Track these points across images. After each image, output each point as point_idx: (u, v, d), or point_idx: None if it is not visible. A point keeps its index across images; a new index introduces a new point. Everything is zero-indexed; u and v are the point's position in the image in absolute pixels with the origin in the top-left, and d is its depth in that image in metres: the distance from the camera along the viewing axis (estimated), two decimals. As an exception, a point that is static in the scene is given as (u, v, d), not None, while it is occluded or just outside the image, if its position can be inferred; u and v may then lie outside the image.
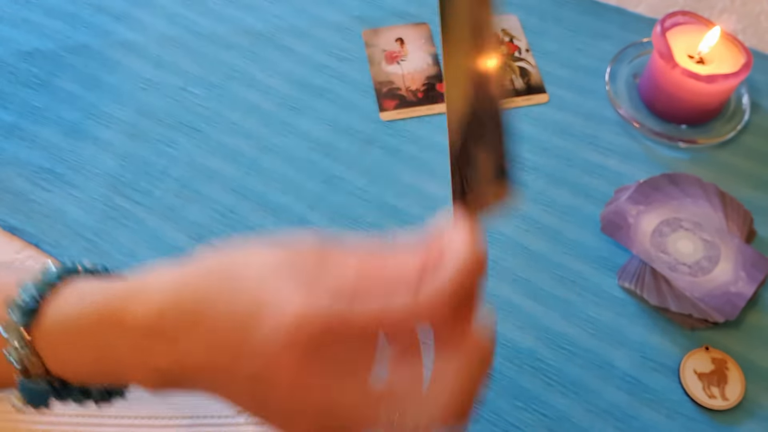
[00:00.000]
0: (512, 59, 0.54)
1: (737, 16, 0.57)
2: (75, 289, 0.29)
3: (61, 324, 0.29)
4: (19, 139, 0.50)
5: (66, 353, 0.29)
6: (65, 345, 0.29)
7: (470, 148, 0.25)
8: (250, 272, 0.26)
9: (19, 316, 0.28)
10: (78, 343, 0.28)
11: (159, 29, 0.56)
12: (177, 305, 0.27)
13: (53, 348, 0.29)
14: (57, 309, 0.29)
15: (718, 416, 0.38)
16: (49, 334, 0.29)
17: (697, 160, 0.48)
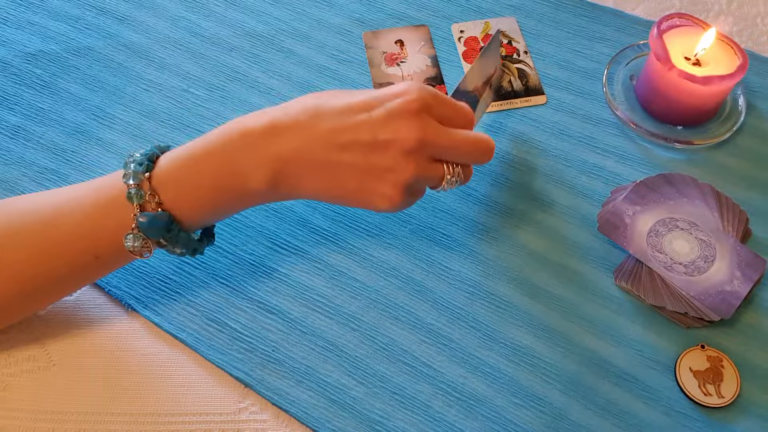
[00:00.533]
0: (511, 61, 0.54)
1: (733, 19, 0.57)
2: (175, 151, 0.37)
3: (174, 164, 0.36)
4: (24, 141, 0.50)
5: (188, 182, 0.36)
6: (187, 175, 0.36)
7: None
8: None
9: (137, 167, 0.36)
10: (204, 169, 0.36)
11: (162, 32, 0.56)
12: (285, 114, 0.36)
13: (171, 183, 0.36)
14: (168, 160, 0.37)
15: (714, 413, 0.39)
16: (165, 174, 0.36)
17: (693, 160, 0.49)
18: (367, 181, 0.36)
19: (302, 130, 0.35)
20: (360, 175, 0.35)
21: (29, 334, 0.42)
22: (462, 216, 0.46)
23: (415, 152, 0.35)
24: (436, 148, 0.36)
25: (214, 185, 0.36)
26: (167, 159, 0.37)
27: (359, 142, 0.35)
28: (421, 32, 0.56)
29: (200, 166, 0.36)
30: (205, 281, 0.44)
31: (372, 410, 0.39)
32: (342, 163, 0.35)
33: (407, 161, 0.35)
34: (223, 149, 0.36)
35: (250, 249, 0.45)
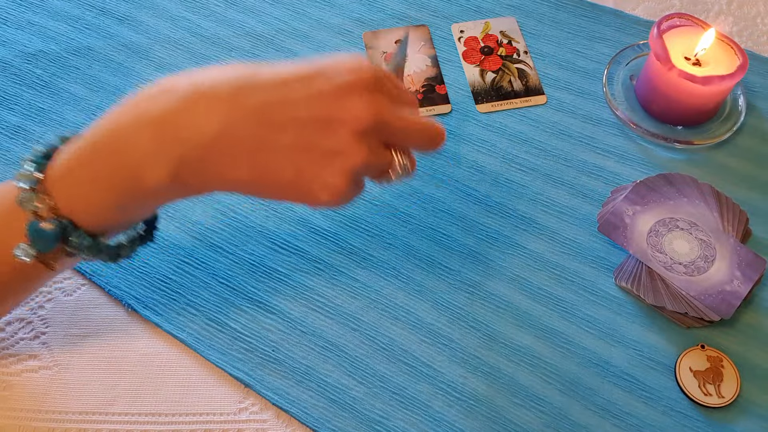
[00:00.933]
0: (511, 61, 0.54)
1: (733, 19, 0.57)
2: (75, 141, 0.32)
3: (73, 154, 0.31)
4: (23, 141, 0.50)
5: (81, 179, 0.30)
6: (79, 170, 0.30)
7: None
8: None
9: (31, 166, 0.31)
10: (94, 161, 0.30)
11: (162, 32, 0.56)
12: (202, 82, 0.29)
13: (66, 181, 0.30)
14: (64, 152, 0.31)
15: (714, 413, 0.39)
16: (60, 177, 0.30)
17: (693, 160, 0.49)
18: (308, 168, 0.29)
19: (224, 104, 0.28)
20: (299, 160, 0.28)
21: (29, 333, 0.42)
22: (462, 216, 0.46)
23: (369, 134, 0.29)
24: (389, 130, 0.30)
25: (109, 183, 0.30)
26: (65, 153, 0.31)
27: (300, 119, 0.28)
28: (422, 32, 0.56)
29: (95, 157, 0.30)
30: (205, 281, 0.44)
31: (372, 410, 0.39)
32: (277, 145, 0.28)
33: (359, 143, 0.29)
34: (116, 132, 0.29)
35: (250, 249, 0.45)
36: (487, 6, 0.58)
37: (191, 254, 0.45)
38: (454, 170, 0.49)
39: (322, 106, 0.28)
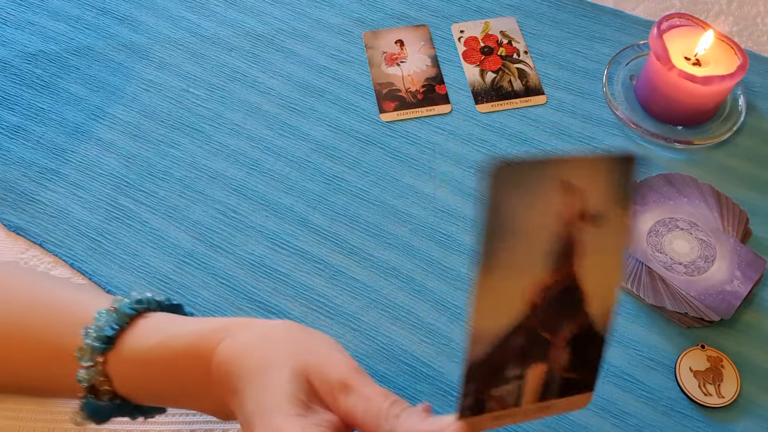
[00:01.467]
0: (511, 61, 0.54)
1: (733, 19, 0.57)
2: (153, 322, 0.32)
3: (141, 353, 0.31)
4: (24, 140, 0.50)
5: (142, 377, 0.31)
6: (143, 370, 0.31)
7: (505, 367, 0.23)
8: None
9: (96, 342, 0.31)
10: (160, 369, 0.31)
11: (162, 32, 0.56)
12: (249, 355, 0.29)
13: (128, 372, 0.31)
14: (138, 338, 0.31)
15: (714, 413, 0.39)
16: (126, 361, 0.31)
17: (693, 160, 0.49)
18: None
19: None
20: None
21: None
22: (462, 216, 0.46)
23: None
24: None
25: (169, 396, 0.32)
26: (131, 346, 0.31)
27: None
28: (422, 32, 0.56)
29: (166, 367, 0.31)
30: (205, 281, 0.44)
31: (372, 410, 0.39)
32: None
33: None
34: (183, 362, 0.30)
35: (250, 249, 0.45)
36: (487, 6, 0.58)
37: (191, 254, 0.45)
38: (453, 170, 0.49)
39: None
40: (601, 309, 0.23)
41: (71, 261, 0.45)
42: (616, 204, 0.21)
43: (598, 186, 0.21)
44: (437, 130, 0.51)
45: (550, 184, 0.20)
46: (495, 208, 0.20)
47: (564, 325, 0.23)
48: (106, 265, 0.44)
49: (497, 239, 0.20)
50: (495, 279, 0.21)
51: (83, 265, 0.44)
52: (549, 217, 0.21)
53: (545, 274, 0.21)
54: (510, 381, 0.23)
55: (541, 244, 0.21)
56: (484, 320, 0.21)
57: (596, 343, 0.23)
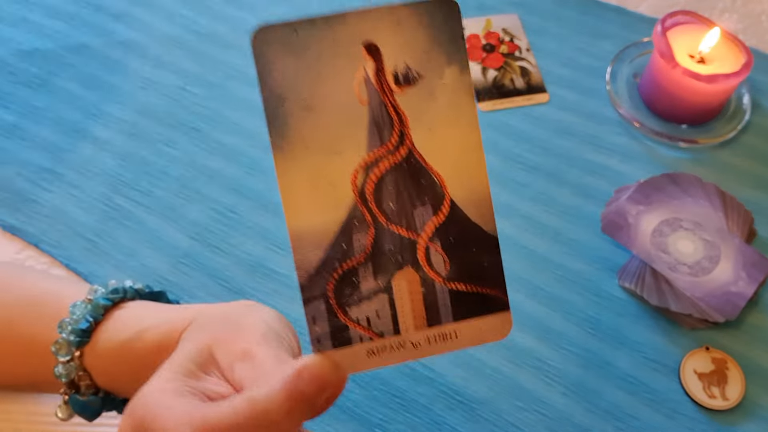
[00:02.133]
0: (513, 59, 0.54)
1: (738, 16, 0.57)
2: (129, 313, 0.31)
3: (115, 346, 0.30)
4: (19, 139, 0.49)
5: (119, 372, 0.31)
6: (119, 365, 0.31)
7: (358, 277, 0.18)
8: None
9: (71, 335, 0.30)
10: (134, 364, 0.30)
11: (159, 28, 0.56)
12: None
13: (105, 366, 0.31)
14: (112, 331, 0.31)
15: (718, 416, 0.38)
16: (102, 355, 0.31)
17: (697, 159, 0.48)
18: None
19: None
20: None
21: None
22: (463, 216, 0.46)
23: None
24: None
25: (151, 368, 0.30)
26: (106, 339, 0.30)
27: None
28: (422, 29, 0.56)
29: (143, 359, 0.30)
30: (202, 282, 0.43)
31: (372, 413, 0.39)
32: None
33: None
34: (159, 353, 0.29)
35: (249, 249, 0.44)
36: (488, 3, 0.57)
37: (189, 254, 0.44)
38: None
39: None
40: (469, 193, 0.19)
41: (67, 261, 0.44)
42: (436, 57, 0.17)
43: (405, 38, 0.17)
44: (438, 129, 0.50)
45: (337, 44, 0.17)
46: (268, 80, 0.17)
47: (421, 215, 0.18)
48: (102, 265, 0.44)
49: (281, 117, 0.17)
50: (294, 163, 0.17)
51: (79, 265, 0.44)
52: (348, 83, 0.17)
53: (364, 151, 0.17)
54: (370, 296, 0.18)
55: (344, 117, 0.17)
56: (299, 218, 0.17)
57: (481, 240, 0.19)
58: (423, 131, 0.18)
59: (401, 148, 0.18)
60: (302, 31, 0.17)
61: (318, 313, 0.19)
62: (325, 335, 0.19)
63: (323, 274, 0.18)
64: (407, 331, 0.19)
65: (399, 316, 0.19)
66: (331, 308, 0.19)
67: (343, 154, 0.17)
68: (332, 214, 0.18)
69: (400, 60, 0.17)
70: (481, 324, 0.20)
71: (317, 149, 0.17)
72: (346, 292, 0.18)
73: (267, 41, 0.17)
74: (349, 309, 0.19)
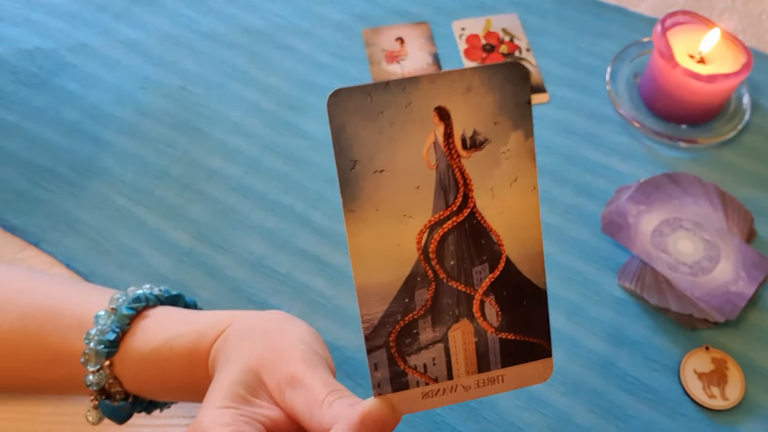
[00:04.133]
0: (513, 59, 0.54)
1: (738, 16, 0.57)
2: (155, 320, 0.32)
3: (145, 354, 0.31)
4: (20, 139, 0.49)
5: (149, 379, 0.31)
6: (150, 371, 0.31)
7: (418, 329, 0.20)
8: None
9: (99, 345, 0.31)
10: (164, 370, 0.31)
11: (159, 28, 0.56)
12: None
13: (135, 373, 0.31)
14: (140, 340, 0.31)
15: (718, 416, 0.38)
16: (132, 363, 0.31)
17: (697, 159, 0.48)
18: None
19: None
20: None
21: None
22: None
23: None
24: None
25: (181, 390, 0.32)
26: (135, 348, 0.31)
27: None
28: (422, 29, 0.56)
29: (171, 366, 0.31)
30: (203, 281, 0.43)
31: (373, 413, 0.39)
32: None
33: None
34: (186, 361, 0.30)
35: (250, 248, 0.44)
36: (488, 3, 0.57)
37: (190, 253, 0.44)
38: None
39: None
40: (524, 251, 0.20)
41: (67, 261, 0.44)
42: (503, 122, 0.18)
43: (474, 103, 0.18)
44: (438, 129, 0.50)
45: (410, 109, 0.18)
46: (342, 144, 0.17)
47: (479, 272, 0.20)
48: (103, 265, 0.44)
49: (354, 181, 0.18)
50: (364, 225, 0.18)
51: (80, 265, 0.44)
52: (416, 149, 0.18)
53: (429, 213, 0.19)
54: (428, 346, 0.20)
55: (413, 180, 0.18)
56: (366, 274, 0.19)
57: (531, 294, 0.20)
58: (485, 194, 0.19)
59: (464, 210, 0.19)
60: (376, 95, 0.17)
61: (380, 361, 0.20)
62: (386, 380, 0.20)
63: (386, 326, 0.20)
64: (459, 377, 0.21)
65: (453, 363, 0.21)
66: (392, 356, 0.20)
67: (410, 216, 0.19)
68: (397, 272, 0.19)
69: (469, 125, 0.18)
70: (526, 369, 0.21)
71: (386, 212, 0.18)
72: (406, 342, 0.20)
73: (342, 105, 0.17)
74: (409, 357, 0.20)
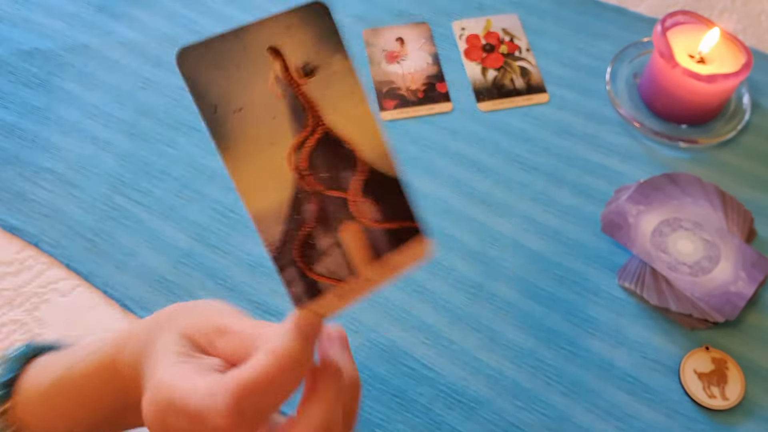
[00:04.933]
0: (512, 59, 0.54)
1: (738, 16, 0.57)
2: (48, 358, 0.31)
3: (46, 389, 0.30)
4: (19, 139, 0.49)
5: (57, 414, 0.30)
6: (53, 406, 0.30)
7: (315, 238, 0.22)
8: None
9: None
10: (73, 394, 0.30)
11: (158, 28, 0.56)
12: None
13: (39, 413, 0.31)
14: (36, 377, 0.31)
15: (718, 416, 0.38)
16: (33, 401, 0.30)
17: (697, 159, 0.48)
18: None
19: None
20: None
21: (25, 335, 0.41)
22: (463, 215, 0.46)
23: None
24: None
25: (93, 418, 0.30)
26: (33, 387, 0.30)
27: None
28: (422, 30, 0.56)
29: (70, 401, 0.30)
30: (202, 282, 0.43)
31: (372, 413, 0.39)
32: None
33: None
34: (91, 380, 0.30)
35: (248, 249, 0.44)
36: (488, 3, 0.57)
37: (189, 254, 0.44)
38: (454, 169, 0.48)
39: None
40: (374, 151, 0.23)
41: (67, 261, 0.44)
42: (324, 50, 0.21)
43: (298, 39, 0.21)
44: (438, 129, 0.50)
45: (248, 52, 0.20)
46: (200, 93, 0.20)
47: (346, 177, 0.23)
48: (102, 265, 0.44)
49: (219, 123, 0.20)
50: (241, 160, 0.21)
51: (79, 265, 0.44)
52: (265, 83, 0.21)
53: (291, 136, 0.21)
54: (328, 251, 0.23)
55: (269, 112, 0.21)
56: (256, 202, 0.22)
57: (390, 184, 0.23)
58: (330, 110, 0.22)
59: (318, 128, 0.22)
60: (217, 45, 0.20)
61: (292, 277, 0.23)
62: (302, 293, 0.23)
63: (287, 244, 0.22)
64: (360, 271, 0.23)
65: (351, 261, 0.23)
66: (300, 270, 0.23)
67: (276, 143, 0.21)
68: (282, 194, 0.22)
69: (298, 57, 0.21)
70: (410, 249, 0.24)
71: (255, 144, 0.21)
72: (308, 254, 0.23)
73: (191, 60, 0.20)
74: (314, 266, 0.23)
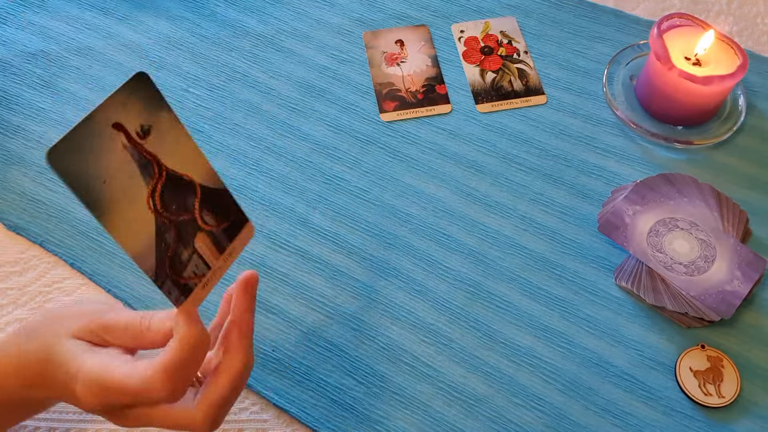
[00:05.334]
0: (511, 61, 0.54)
1: (733, 19, 0.57)
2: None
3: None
4: (24, 140, 0.50)
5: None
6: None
7: (179, 254, 0.29)
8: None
9: None
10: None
11: (162, 31, 0.56)
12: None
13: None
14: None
15: (714, 413, 0.39)
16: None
17: (693, 160, 0.49)
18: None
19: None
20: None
21: (29, 334, 0.42)
22: (462, 216, 0.46)
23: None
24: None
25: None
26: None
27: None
28: (422, 32, 0.56)
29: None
30: (205, 281, 0.44)
31: (372, 410, 0.39)
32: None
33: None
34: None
35: (250, 249, 0.45)
36: (487, 6, 0.58)
37: (191, 254, 0.45)
38: (453, 170, 0.49)
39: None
40: (204, 173, 0.30)
41: (71, 261, 0.45)
42: (153, 112, 0.27)
43: (132, 109, 0.26)
44: (437, 130, 0.51)
45: (98, 133, 0.25)
46: (75, 181, 0.25)
47: (190, 201, 0.29)
48: (106, 264, 0.44)
49: (95, 198, 0.26)
50: (113, 217, 0.26)
51: (83, 264, 0.44)
52: (117, 153, 0.26)
53: (145, 187, 0.27)
54: (190, 260, 0.30)
55: (127, 173, 0.27)
56: (132, 244, 0.27)
57: (219, 194, 0.31)
58: (167, 157, 0.28)
59: (162, 173, 0.28)
60: (74, 136, 0.24)
61: (169, 287, 0.29)
62: (178, 295, 0.29)
63: (161, 266, 0.28)
64: (213, 263, 0.31)
65: (206, 258, 0.30)
66: (174, 280, 0.29)
67: (136, 195, 0.27)
68: (148, 231, 0.28)
69: (136, 124, 0.27)
70: (241, 235, 0.32)
71: (122, 203, 0.27)
72: (177, 267, 0.29)
73: (59, 157, 0.24)
74: (184, 273, 0.29)
